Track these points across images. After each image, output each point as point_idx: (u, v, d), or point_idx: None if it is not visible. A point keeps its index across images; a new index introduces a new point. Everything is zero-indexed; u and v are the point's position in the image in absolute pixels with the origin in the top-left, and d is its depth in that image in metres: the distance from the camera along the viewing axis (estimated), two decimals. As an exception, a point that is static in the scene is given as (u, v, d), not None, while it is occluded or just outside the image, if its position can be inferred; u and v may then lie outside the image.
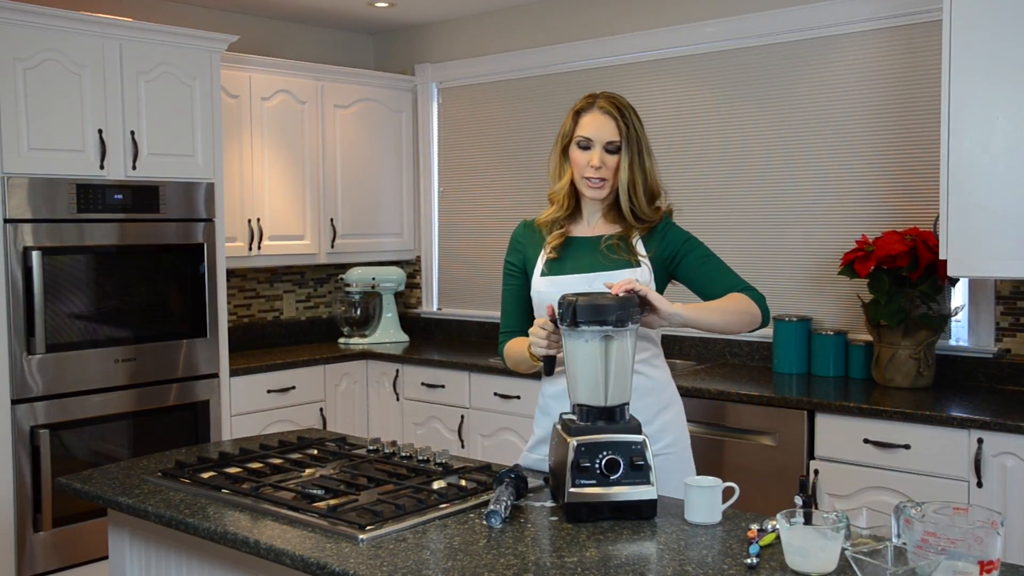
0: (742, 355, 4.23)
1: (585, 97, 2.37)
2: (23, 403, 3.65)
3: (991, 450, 3.02)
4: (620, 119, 2.29)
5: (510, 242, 2.49)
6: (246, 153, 4.64)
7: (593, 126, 2.30)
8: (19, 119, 3.61)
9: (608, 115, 2.30)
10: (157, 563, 2.31)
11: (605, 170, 2.30)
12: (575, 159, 2.33)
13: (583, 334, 2.02)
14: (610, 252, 2.33)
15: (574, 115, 2.35)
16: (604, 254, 2.33)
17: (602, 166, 2.29)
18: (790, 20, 4.06)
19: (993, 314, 3.62)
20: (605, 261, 2.32)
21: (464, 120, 5.28)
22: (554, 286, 2.32)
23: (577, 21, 4.76)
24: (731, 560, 1.75)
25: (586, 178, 2.31)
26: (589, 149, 2.30)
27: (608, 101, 2.32)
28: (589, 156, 2.30)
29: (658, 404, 2.35)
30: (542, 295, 2.33)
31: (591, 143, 2.30)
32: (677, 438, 2.37)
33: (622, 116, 2.30)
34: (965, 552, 1.55)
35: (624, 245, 2.33)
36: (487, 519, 1.95)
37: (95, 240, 3.84)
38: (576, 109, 2.36)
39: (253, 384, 4.43)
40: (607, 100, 2.32)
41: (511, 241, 2.49)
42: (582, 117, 2.33)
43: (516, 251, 2.46)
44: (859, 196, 3.91)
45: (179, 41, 4.07)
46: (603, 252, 2.33)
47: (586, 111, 2.33)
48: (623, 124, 2.29)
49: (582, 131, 2.32)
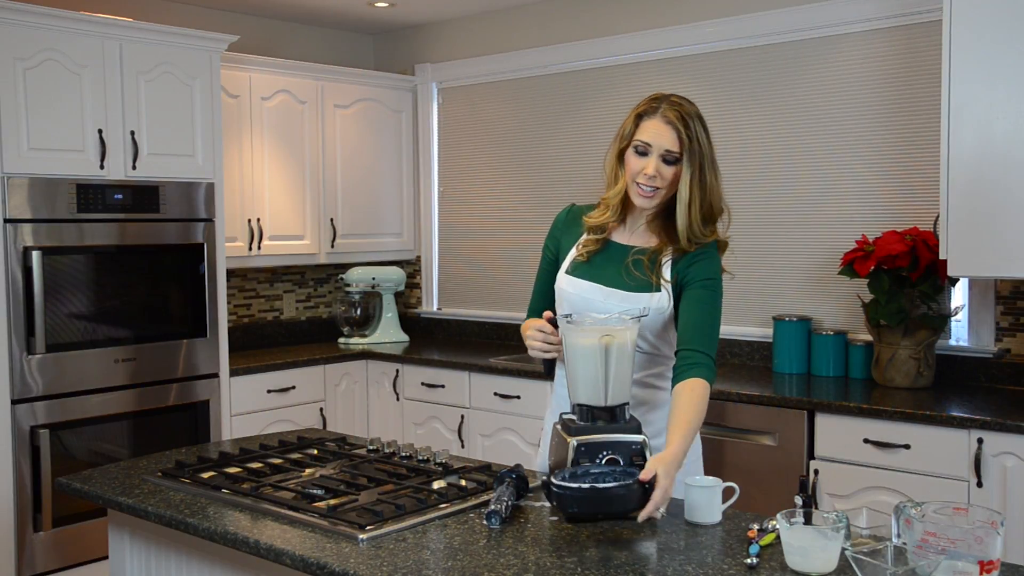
0: (742, 355, 4.23)
1: (650, 100, 2.22)
2: (23, 403, 3.65)
3: (991, 450, 3.02)
4: (684, 130, 2.15)
5: (552, 225, 2.44)
6: (246, 153, 4.64)
7: (653, 132, 2.16)
8: (19, 119, 3.61)
9: (670, 124, 2.15)
10: (157, 563, 2.31)
11: (659, 179, 2.17)
12: (630, 164, 2.20)
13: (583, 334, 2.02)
14: (635, 268, 2.24)
15: (635, 118, 2.21)
16: (629, 270, 2.25)
17: (657, 175, 2.17)
18: (790, 20, 4.06)
19: (993, 314, 3.62)
20: (627, 279, 2.25)
21: (464, 120, 5.28)
22: (573, 287, 2.30)
23: (577, 21, 4.76)
24: (731, 560, 1.75)
25: (638, 183, 2.19)
26: (646, 155, 2.17)
27: (673, 109, 2.17)
28: (644, 163, 2.17)
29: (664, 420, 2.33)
30: (562, 292, 2.31)
31: (649, 149, 2.17)
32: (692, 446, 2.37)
33: (686, 127, 2.15)
34: (965, 552, 1.55)
35: (651, 265, 2.24)
36: (487, 519, 1.94)
37: (95, 240, 3.83)
38: (638, 112, 2.22)
39: (253, 384, 4.42)
40: (672, 108, 2.17)
41: (553, 224, 2.43)
42: (643, 121, 2.19)
43: (554, 236, 2.41)
44: (859, 196, 3.91)
45: (179, 41, 4.07)
46: (628, 267, 2.25)
47: (648, 116, 2.19)
48: (686, 136, 2.15)
49: (641, 135, 2.18)
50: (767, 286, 4.17)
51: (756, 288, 4.18)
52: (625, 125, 2.24)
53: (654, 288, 2.23)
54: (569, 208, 2.44)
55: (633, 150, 2.20)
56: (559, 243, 2.40)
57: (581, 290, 2.28)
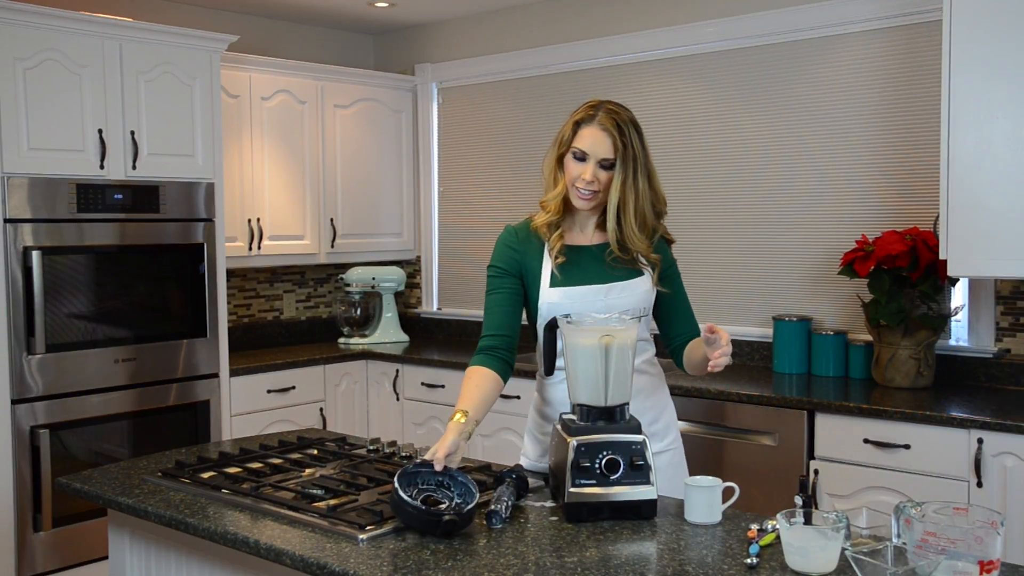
0: (742, 355, 4.23)
1: (586, 107, 2.30)
2: (23, 403, 3.65)
3: (991, 450, 3.02)
4: (618, 136, 2.23)
5: (498, 248, 2.39)
6: (246, 153, 4.64)
7: (590, 140, 2.25)
8: (19, 119, 3.61)
9: (606, 132, 2.23)
10: (157, 563, 2.31)
11: (597, 184, 2.26)
12: (569, 169, 2.28)
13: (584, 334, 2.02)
14: (616, 262, 2.31)
15: (574, 125, 2.29)
16: (610, 265, 2.31)
17: (595, 180, 2.25)
18: (790, 20, 4.06)
19: (993, 314, 3.62)
20: (614, 271, 2.31)
21: (464, 120, 5.28)
22: (567, 297, 2.29)
23: (577, 21, 4.76)
24: (731, 560, 1.75)
25: (577, 188, 2.27)
26: (584, 161, 2.25)
27: (609, 117, 2.25)
28: (582, 169, 2.25)
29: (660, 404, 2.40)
30: (554, 306, 2.29)
31: (586, 156, 2.25)
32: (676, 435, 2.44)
33: (620, 134, 2.23)
34: (965, 552, 1.55)
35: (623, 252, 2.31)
36: (487, 519, 1.95)
37: (95, 240, 3.83)
38: (576, 119, 2.29)
39: (253, 384, 4.42)
40: (607, 115, 2.25)
41: (500, 247, 2.39)
42: (581, 129, 2.27)
43: (510, 257, 2.35)
44: (859, 196, 3.91)
45: (179, 41, 4.07)
46: (608, 263, 2.31)
47: (586, 123, 2.27)
48: (620, 143, 2.23)
49: (579, 143, 2.26)
50: (767, 286, 4.17)
51: (756, 288, 4.18)
52: (564, 131, 2.32)
53: (640, 273, 2.32)
54: (512, 229, 2.41)
55: (572, 156, 2.28)
56: (521, 262, 2.35)
57: (577, 297, 2.29)
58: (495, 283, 2.36)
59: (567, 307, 2.27)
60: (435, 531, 1.86)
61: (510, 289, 2.34)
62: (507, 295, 2.34)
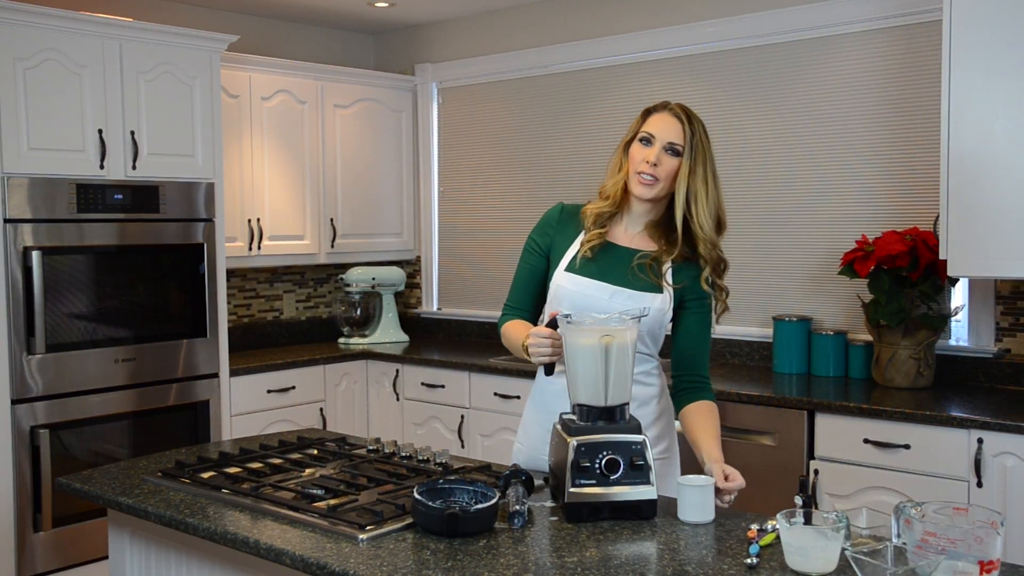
0: (742, 355, 4.23)
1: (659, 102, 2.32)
2: (23, 403, 3.65)
3: (991, 450, 3.02)
4: (687, 124, 2.23)
5: (541, 222, 2.42)
6: (246, 153, 4.64)
7: (659, 124, 2.24)
8: (19, 119, 3.61)
9: (676, 118, 2.24)
10: (157, 563, 2.31)
11: (660, 169, 2.22)
12: (633, 154, 2.26)
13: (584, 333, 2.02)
14: (640, 271, 2.28)
15: (643, 114, 2.29)
16: (634, 271, 2.28)
17: (658, 164, 2.22)
18: (790, 20, 4.06)
19: (993, 314, 3.62)
20: (632, 279, 2.28)
21: (464, 120, 5.28)
22: (575, 285, 2.29)
23: (577, 21, 4.76)
24: (731, 560, 1.75)
25: (638, 173, 2.24)
26: (650, 144, 2.24)
27: (680, 107, 2.27)
28: (648, 152, 2.23)
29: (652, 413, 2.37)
30: (560, 289, 2.31)
31: (653, 139, 2.23)
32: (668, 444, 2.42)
33: (690, 122, 2.23)
34: (965, 552, 1.55)
35: (654, 267, 2.28)
36: (510, 520, 1.94)
37: (95, 240, 3.83)
38: (646, 109, 2.30)
39: (253, 384, 4.42)
40: (679, 106, 2.28)
41: (542, 221, 2.42)
42: (651, 116, 2.28)
43: (545, 233, 2.39)
44: (859, 196, 3.91)
45: (179, 41, 4.07)
46: (633, 269, 2.28)
47: (656, 111, 2.28)
48: (689, 130, 2.22)
49: (647, 128, 2.26)
50: (767, 286, 4.17)
51: (756, 288, 4.18)
52: (634, 123, 2.32)
53: (658, 290, 2.28)
54: (561, 207, 2.43)
55: (638, 140, 2.27)
56: (552, 241, 2.38)
57: (584, 287, 2.28)
58: (525, 256, 2.44)
59: (570, 295, 2.27)
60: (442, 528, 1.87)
61: (534, 265, 2.41)
62: (531, 270, 2.42)
